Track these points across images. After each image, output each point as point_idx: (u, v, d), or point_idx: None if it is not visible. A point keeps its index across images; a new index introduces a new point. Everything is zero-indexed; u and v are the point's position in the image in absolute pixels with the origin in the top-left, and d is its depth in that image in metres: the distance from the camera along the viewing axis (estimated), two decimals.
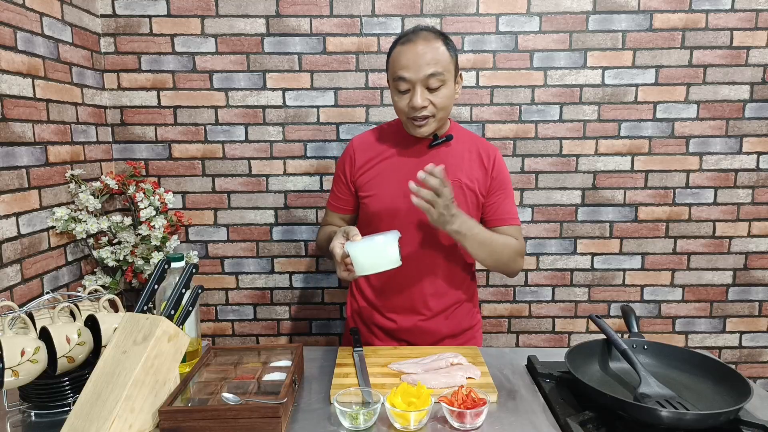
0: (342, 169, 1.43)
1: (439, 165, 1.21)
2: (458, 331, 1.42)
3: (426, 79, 1.22)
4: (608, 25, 1.88)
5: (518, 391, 1.06)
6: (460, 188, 1.32)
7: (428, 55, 1.22)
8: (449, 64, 1.25)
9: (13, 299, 1.39)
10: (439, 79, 1.23)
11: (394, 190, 1.33)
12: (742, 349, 2.08)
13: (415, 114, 1.26)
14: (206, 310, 2.04)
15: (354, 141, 1.44)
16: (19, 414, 0.99)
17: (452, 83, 1.28)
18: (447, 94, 1.26)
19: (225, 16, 1.86)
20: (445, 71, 1.24)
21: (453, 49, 1.28)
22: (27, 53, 1.47)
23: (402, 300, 1.38)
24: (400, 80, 1.25)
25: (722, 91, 1.92)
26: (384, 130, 1.43)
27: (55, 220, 1.54)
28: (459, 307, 1.41)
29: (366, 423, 0.90)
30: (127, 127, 1.91)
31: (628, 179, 1.97)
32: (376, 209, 1.36)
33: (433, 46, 1.23)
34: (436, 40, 1.25)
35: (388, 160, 1.37)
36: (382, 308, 1.41)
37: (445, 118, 1.31)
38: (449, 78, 1.26)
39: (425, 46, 1.23)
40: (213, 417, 0.86)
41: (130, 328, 0.94)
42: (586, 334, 2.07)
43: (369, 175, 1.38)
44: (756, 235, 2.00)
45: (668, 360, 1.10)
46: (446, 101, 1.26)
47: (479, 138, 1.43)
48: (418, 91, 1.23)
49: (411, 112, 1.26)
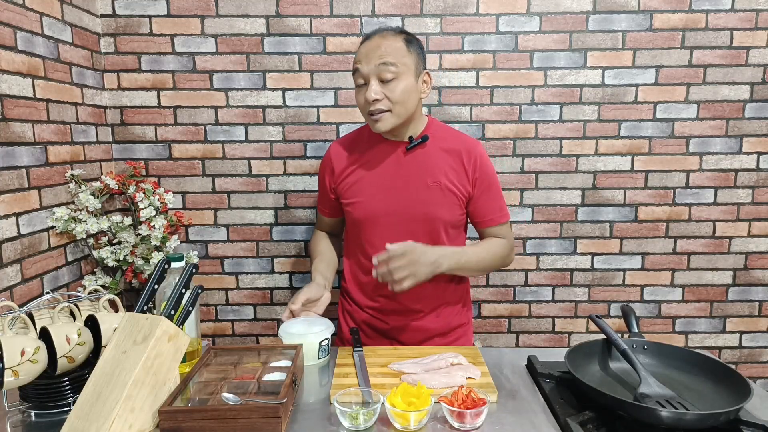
0: (322, 177, 1.45)
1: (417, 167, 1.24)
2: (448, 329, 1.43)
3: (377, 69, 1.23)
4: (608, 25, 1.88)
5: (518, 391, 1.06)
6: (440, 190, 1.32)
7: (382, 47, 1.24)
8: (405, 57, 1.25)
9: (13, 299, 1.39)
10: (392, 70, 1.23)
11: (375, 196, 1.34)
12: (742, 349, 2.08)
13: (370, 108, 1.26)
14: (206, 310, 2.04)
15: (332, 148, 1.44)
16: (19, 414, 0.99)
17: (411, 77, 1.26)
18: (403, 88, 1.25)
19: (225, 16, 1.86)
20: (398, 63, 1.24)
21: (415, 47, 1.28)
22: (27, 53, 1.47)
23: (391, 302, 1.38)
24: (356, 73, 1.27)
25: (722, 91, 1.92)
26: (362, 133, 1.43)
27: (55, 220, 1.54)
28: (449, 306, 1.42)
29: (366, 423, 0.90)
30: (127, 127, 1.91)
31: (628, 179, 1.97)
32: (359, 216, 1.37)
33: (389, 40, 1.25)
34: (394, 36, 1.26)
35: (366, 166, 1.37)
36: (371, 309, 1.42)
37: (404, 115, 1.28)
38: (405, 71, 1.25)
39: (381, 39, 1.25)
40: (213, 417, 0.86)
41: (130, 328, 0.94)
42: (586, 334, 2.07)
43: (348, 182, 1.38)
44: (756, 235, 2.00)
45: (668, 360, 1.10)
46: (403, 96, 1.25)
47: (460, 135, 1.40)
48: (372, 84, 1.24)
49: (367, 106, 1.26)
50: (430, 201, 1.32)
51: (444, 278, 1.38)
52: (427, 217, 1.33)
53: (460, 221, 1.38)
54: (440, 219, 1.33)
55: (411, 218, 1.32)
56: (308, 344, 1.17)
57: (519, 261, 2.02)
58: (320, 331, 1.19)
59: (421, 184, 1.32)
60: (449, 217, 1.34)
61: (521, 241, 2.01)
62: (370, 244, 1.36)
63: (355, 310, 1.45)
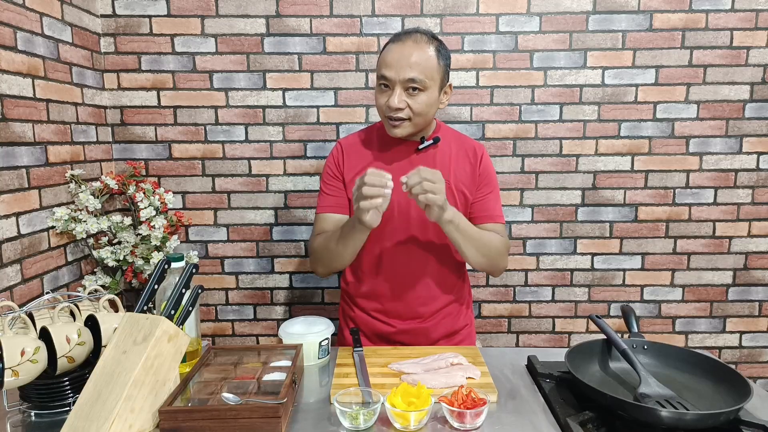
0: (330, 170, 1.40)
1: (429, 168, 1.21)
2: (452, 331, 1.43)
3: (406, 82, 1.21)
4: (608, 25, 1.88)
5: (518, 391, 1.06)
6: (450, 190, 1.31)
7: (413, 57, 1.21)
8: (434, 72, 1.23)
9: (13, 299, 1.39)
10: (420, 85, 1.22)
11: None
12: (742, 349, 2.08)
13: (391, 113, 1.25)
14: (206, 310, 2.04)
15: (342, 143, 1.42)
16: (19, 414, 0.99)
17: (435, 91, 1.26)
18: (426, 101, 1.24)
19: (225, 16, 1.86)
20: (427, 78, 1.22)
21: (444, 58, 1.26)
22: (27, 53, 1.47)
23: (395, 305, 1.37)
24: (382, 78, 1.24)
25: (722, 91, 1.92)
26: (370, 132, 1.42)
27: (55, 220, 1.54)
28: (452, 309, 1.41)
29: (366, 423, 0.90)
30: (127, 127, 1.91)
31: (628, 179, 1.97)
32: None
33: (422, 49, 1.22)
34: (427, 44, 1.23)
35: (375, 164, 1.35)
36: (375, 312, 1.40)
37: (422, 125, 1.30)
38: (431, 86, 1.24)
39: (413, 47, 1.21)
40: (213, 417, 0.86)
41: (130, 328, 0.94)
42: (586, 334, 2.07)
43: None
44: (756, 235, 2.00)
45: (668, 360, 1.10)
46: (425, 108, 1.25)
47: (465, 137, 1.42)
48: (396, 92, 1.22)
49: (388, 110, 1.25)
50: None
51: (447, 279, 1.38)
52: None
53: None
54: None
55: (422, 218, 1.31)
56: (308, 344, 1.17)
57: (519, 261, 2.02)
58: (320, 331, 1.19)
59: None
60: None
61: (521, 241, 2.01)
62: (379, 244, 1.35)
63: (358, 314, 1.43)
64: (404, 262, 1.35)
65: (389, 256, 1.35)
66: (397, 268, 1.36)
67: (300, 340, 1.16)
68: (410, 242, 1.34)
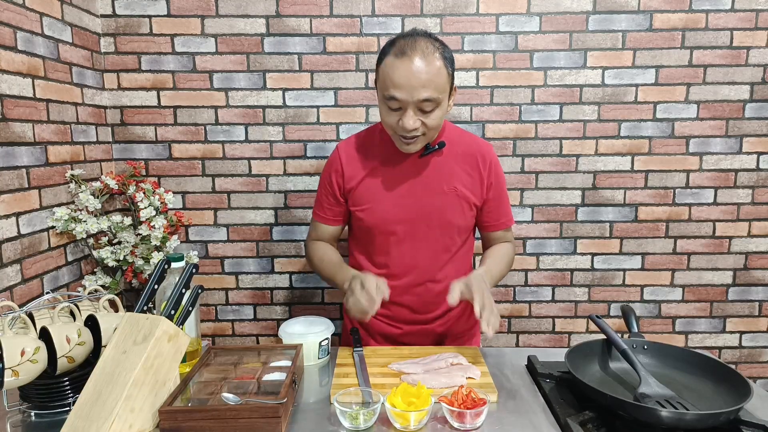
0: (329, 180, 1.35)
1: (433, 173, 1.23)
2: (457, 333, 1.43)
3: (419, 103, 1.14)
4: (608, 25, 1.88)
5: (518, 391, 1.06)
6: (455, 195, 1.30)
7: (424, 75, 1.12)
8: (445, 84, 1.17)
9: (13, 299, 1.39)
10: (435, 102, 1.15)
11: (389, 201, 1.30)
12: (742, 349, 2.08)
13: (404, 133, 1.19)
14: (206, 310, 2.04)
15: (340, 149, 1.35)
16: (19, 414, 0.99)
17: (446, 101, 1.20)
18: (440, 115, 1.19)
19: (225, 16, 1.86)
20: (441, 94, 1.16)
21: (450, 63, 1.19)
22: (27, 53, 1.47)
23: (400, 309, 1.37)
24: (392, 99, 1.16)
25: (722, 91, 1.92)
26: (371, 135, 1.36)
27: (55, 220, 1.54)
28: (459, 311, 1.41)
29: (366, 423, 0.90)
30: (127, 127, 1.91)
31: (628, 179, 1.97)
32: (370, 223, 1.31)
33: (431, 63, 1.13)
34: (433, 56, 1.14)
35: (379, 170, 1.31)
36: (381, 316, 1.39)
37: (435, 136, 1.26)
38: (444, 98, 1.18)
39: (422, 63, 1.12)
40: (213, 417, 0.86)
41: (130, 328, 0.94)
42: (586, 334, 2.07)
43: (360, 187, 1.32)
44: (756, 235, 2.00)
45: (668, 360, 1.10)
46: (439, 122, 1.21)
47: (473, 138, 1.37)
48: (409, 113, 1.15)
49: (400, 130, 1.19)
50: (446, 207, 1.30)
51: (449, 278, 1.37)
52: (443, 223, 1.31)
53: (471, 225, 1.37)
54: (455, 225, 1.32)
55: (427, 224, 1.30)
56: (308, 344, 1.17)
57: (519, 261, 2.02)
58: (320, 331, 1.19)
59: (438, 189, 1.29)
60: (463, 223, 1.33)
61: (521, 241, 2.01)
62: (383, 251, 1.33)
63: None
64: (409, 268, 1.34)
65: (398, 262, 1.34)
66: (406, 273, 1.34)
67: (300, 340, 1.16)
68: (414, 248, 1.33)
